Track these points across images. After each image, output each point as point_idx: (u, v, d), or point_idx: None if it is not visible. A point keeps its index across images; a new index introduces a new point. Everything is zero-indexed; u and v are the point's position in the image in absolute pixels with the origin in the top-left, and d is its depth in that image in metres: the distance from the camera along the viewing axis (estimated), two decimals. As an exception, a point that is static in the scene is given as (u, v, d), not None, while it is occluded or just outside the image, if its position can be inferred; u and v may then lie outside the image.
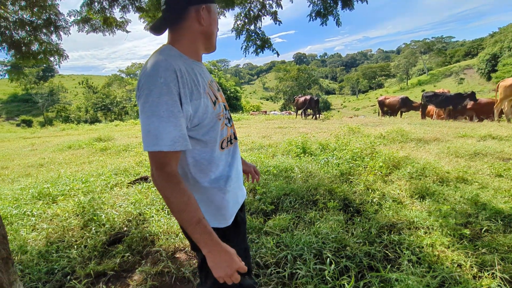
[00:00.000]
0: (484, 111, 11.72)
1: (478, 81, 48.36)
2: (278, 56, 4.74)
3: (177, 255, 2.21)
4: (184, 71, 0.90)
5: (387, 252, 2.02)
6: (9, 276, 1.01)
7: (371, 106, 52.64)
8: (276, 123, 12.77)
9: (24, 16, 3.60)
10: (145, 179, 3.99)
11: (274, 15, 4.44)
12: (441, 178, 3.38)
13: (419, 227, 2.32)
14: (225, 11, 4.22)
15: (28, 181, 4.28)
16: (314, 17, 4.16)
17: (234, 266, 0.89)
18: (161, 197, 3.16)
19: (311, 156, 4.75)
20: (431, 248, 2.01)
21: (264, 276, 1.87)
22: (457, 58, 70.47)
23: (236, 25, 4.50)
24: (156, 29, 1.00)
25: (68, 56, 4.60)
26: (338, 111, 50.26)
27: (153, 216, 2.76)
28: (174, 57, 0.93)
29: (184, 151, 0.95)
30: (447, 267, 1.81)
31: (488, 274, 1.73)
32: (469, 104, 11.68)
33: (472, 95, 11.54)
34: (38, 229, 2.61)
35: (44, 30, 3.70)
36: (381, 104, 16.21)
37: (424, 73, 66.64)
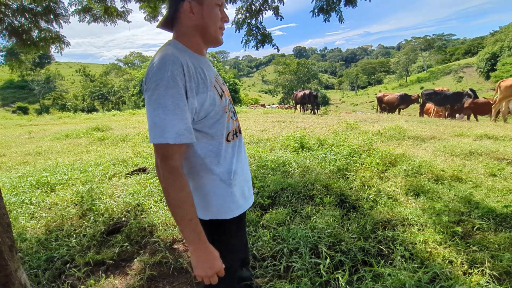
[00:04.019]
0: (481, 111, 11.79)
1: (477, 80, 48.43)
2: (278, 52, 4.74)
3: (175, 246, 2.25)
4: (190, 65, 0.92)
5: (381, 247, 2.07)
6: (14, 263, 1.04)
7: (370, 102, 52.59)
8: (274, 117, 12.75)
9: (24, 2, 3.55)
10: (143, 170, 3.99)
11: (276, 10, 4.39)
12: (436, 176, 3.43)
13: (412, 224, 2.37)
14: (226, 4, 4.17)
15: (26, 169, 4.28)
16: (317, 13, 4.14)
17: (215, 268, 0.92)
18: (159, 188, 3.18)
19: (308, 151, 4.78)
20: (423, 244, 2.07)
21: (260, 268, 1.91)
22: (457, 56, 70.38)
23: (237, 19, 4.45)
24: (164, 25, 1.03)
25: (69, 42, 4.53)
26: (337, 106, 50.20)
27: (151, 207, 2.79)
28: (181, 51, 0.95)
29: (192, 144, 0.97)
30: (438, 263, 1.86)
31: (478, 271, 1.78)
32: (467, 102, 11.73)
33: (472, 92, 11.52)
34: (37, 218, 2.63)
35: (44, 18, 3.65)
36: (380, 100, 16.23)
37: (424, 70, 66.51)
